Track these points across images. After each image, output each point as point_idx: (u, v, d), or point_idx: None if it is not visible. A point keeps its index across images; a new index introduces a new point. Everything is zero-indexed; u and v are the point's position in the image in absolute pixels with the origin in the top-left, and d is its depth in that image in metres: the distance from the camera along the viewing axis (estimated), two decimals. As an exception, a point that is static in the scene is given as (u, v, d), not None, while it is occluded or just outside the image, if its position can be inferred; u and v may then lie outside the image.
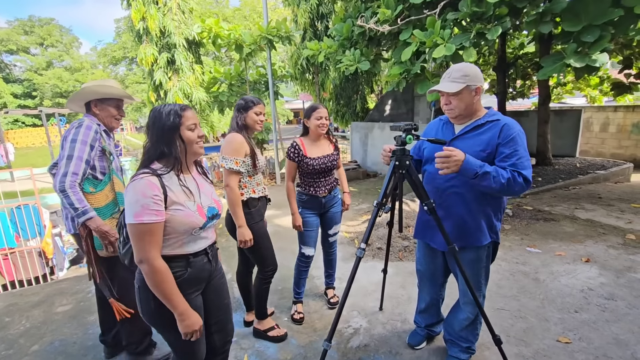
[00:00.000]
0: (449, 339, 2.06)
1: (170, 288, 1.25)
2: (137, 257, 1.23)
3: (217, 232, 4.57)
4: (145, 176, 1.22)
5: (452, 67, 1.70)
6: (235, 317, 2.64)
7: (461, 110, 1.68)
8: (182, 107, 1.33)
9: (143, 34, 6.44)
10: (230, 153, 2.04)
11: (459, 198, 1.74)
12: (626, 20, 3.24)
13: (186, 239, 1.33)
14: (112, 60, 29.07)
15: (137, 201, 1.19)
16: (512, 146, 1.60)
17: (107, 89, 2.00)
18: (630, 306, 2.50)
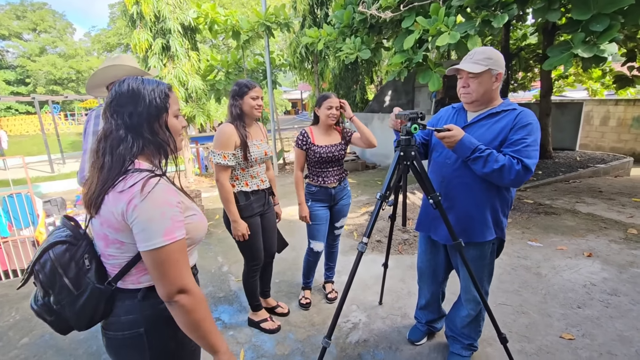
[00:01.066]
0: (450, 335, 2.01)
1: (212, 321, 0.98)
2: (171, 290, 0.90)
3: (214, 223, 4.50)
4: (155, 179, 0.92)
5: (474, 49, 1.61)
6: (232, 310, 2.59)
7: (479, 95, 1.59)
8: (169, 86, 1.04)
9: (137, 18, 6.22)
10: (218, 147, 1.96)
11: (465, 189, 1.66)
12: (636, 9, 3.13)
13: (194, 249, 1.09)
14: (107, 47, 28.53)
15: (163, 214, 0.89)
16: (521, 133, 1.52)
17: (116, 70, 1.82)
18: (633, 302, 2.47)
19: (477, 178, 1.62)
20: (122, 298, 0.99)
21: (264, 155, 2.10)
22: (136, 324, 0.98)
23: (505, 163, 1.48)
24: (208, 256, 3.57)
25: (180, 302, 0.92)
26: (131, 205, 0.88)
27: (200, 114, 7.16)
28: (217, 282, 3.02)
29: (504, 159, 1.49)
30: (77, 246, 0.98)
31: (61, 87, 28.69)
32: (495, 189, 1.65)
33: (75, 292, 0.95)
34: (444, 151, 1.72)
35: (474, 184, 1.64)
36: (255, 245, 2.16)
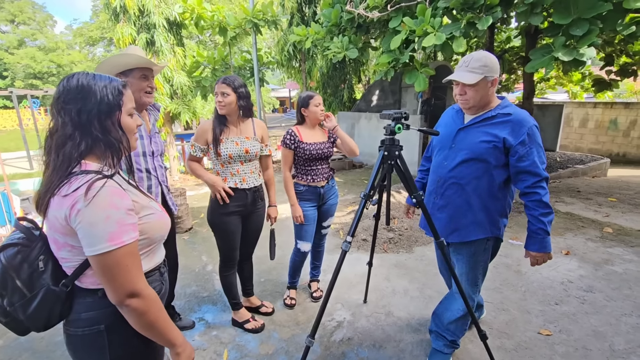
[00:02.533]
0: (435, 331, 2.02)
1: (167, 318, 0.98)
2: (121, 294, 0.90)
3: (198, 222, 4.44)
4: (101, 182, 0.88)
5: (470, 55, 1.62)
6: (216, 310, 2.56)
7: (476, 101, 1.63)
8: (123, 83, 0.99)
9: (120, 12, 6.06)
10: (193, 137, 2.09)
11: (459, 189, 1.72)
12: (614, 15, 3.24)
13: (157, 247, 1.09)
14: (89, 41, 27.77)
15: (108, 218, 0.86)
16: (528, 149, 1.56)
17: (124, 59, 1.73)
18: (608, 298, 2.55)
19: (470, 181, 1.68)
20: (82, 296, 0.98)
21: (244, 153, 2.04)
22: (97, 321, 0.97)
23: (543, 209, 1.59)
24: (192, 255, 3.52)
25: (132, 306, 0.91)
26: (74, 209, 0.85)
27: (186, 111, 7.05)
28: (201, 282, 2.99)
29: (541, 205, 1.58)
30: (31, 248, 0.95)
31: (41, 82, 27.78)
32: (488, 191, 1.68)
33: (28, 294, 0.93)
34: (444, 153, 1.78)
35: (466, 185, 1.70)
36: (229, 243, 2.14)
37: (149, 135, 1.94)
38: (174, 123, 8.02)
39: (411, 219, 2.25)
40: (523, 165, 1.57)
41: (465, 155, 1.67)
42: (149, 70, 1.82)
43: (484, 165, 1.64)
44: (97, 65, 1.73)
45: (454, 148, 1.72)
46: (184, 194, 4.24)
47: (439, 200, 1.80)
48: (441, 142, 1.81)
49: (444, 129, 1.82)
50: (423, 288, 2.77)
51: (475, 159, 1.65)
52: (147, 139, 1.92)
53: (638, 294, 2.60)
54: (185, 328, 2.33)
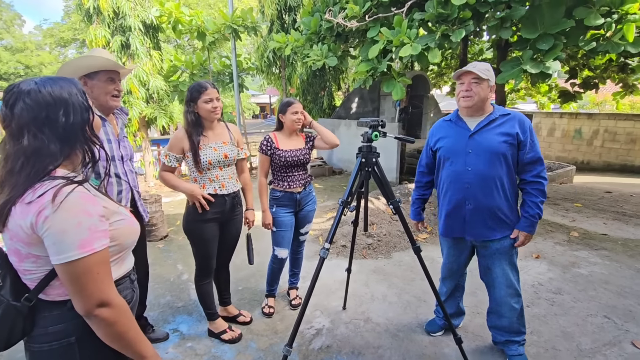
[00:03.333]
0: (503, 341, 2.05)
1: (137, 329, 0.95)
2: (90, 304, 0.86)
3: (174, 229, 4.32)
4: (70, 187, 0.85)
5: (474, 62, 1.80)
6: (191, 320, 2.49)
7: (479, 99, 1.76)
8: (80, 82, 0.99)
9: (93, 13, 5.88)
10: (167, 146, 2.02)
11: (489, 190, 1.81)
12: (577, 31, 3.44)
13: (126, 254, 1.06)
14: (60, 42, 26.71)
15: (79, 224, 0.83)
16: (531, 141, 1.76)
17: (89, 61, 1.67)
18: (575, 300, 2.67)
19: (501, 177, 1.79)
20: (48, 309, 0.93)
21: (223, 158, 2.02)
22: (66, 334, 0.92)
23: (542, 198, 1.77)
24: (167, 264, 3.41)
25: (101, 316, 0.87)
26: (41, 216, 0.81)
27: (163, 116, 6.89)
28: (176, 291, 2.89)
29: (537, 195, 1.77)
30: None
31: (7, 83, 26.41)
32: (510, 187, 1.83)
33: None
34: (460, 159, 1.85)
35: (499, 182, 1.80)
36: (205, 251, 2.10)
37: (117, 139, 1.88)
38: (150, 128, 7.82)
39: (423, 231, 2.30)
40: (530, 156, 1.76)
41: (489, 156, 1.78)
42: (115, 73, 1.76)
43: (506, 163, 1.78)
44: (59, 68, 1.67)
45: (471, 153, 1.81)
46: (160, 200, 4.12)
47: (471, 205, 1.85)
48: (453, 151, 1.88)
49: (451, 139, 1.90)
50: (401, 293, 2.80)
51: (498, 158, 1.77)
52: (116, 142, 1.86)
53: (602, 294, 2.74)
54: (159, 340, 2.25)
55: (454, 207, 1.91)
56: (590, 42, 3.43)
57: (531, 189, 1.78)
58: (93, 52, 1.79)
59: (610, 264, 3.26)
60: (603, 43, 3.36)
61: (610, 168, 8.67)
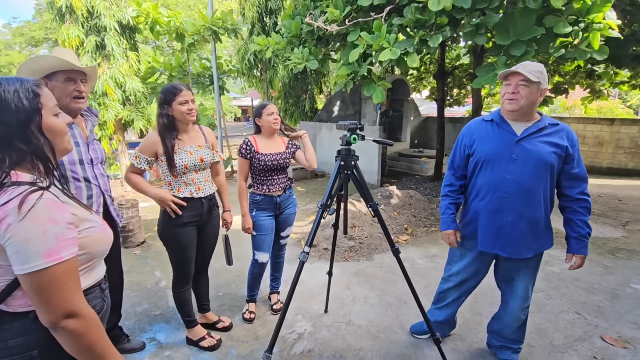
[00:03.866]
0: (499, 345, 2.05)
1: (107, 341, 0.92)
2: (56, 316, 0.82)
3: (152, 235, 4.20)
4: (37, 194, 0.82)
5: (526, 62, 1.64)
6: (169, 328, 2.42)
7: (526, 103, 1.60)
8: (35, 82, 0.90)
9: (66, 12, 5.67)
10: (138, 148, 1.96)
11: (532, 202, 1.68)
12: (547, 39, 3.59)
13: (97, 262, 1.02)
14: (31, 41, 25.63)
15: (45, 233, 0.80)
16: (578, 156, 1.68)
17: (41, 62, 1.58)
18: (548, 297, 2.76)
19: (541, 192, 1.68)
20: (8, 321, 0.88)
21: (199, 162, 1.99)
22: (28, 347, 0.88)
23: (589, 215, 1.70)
24: (144, 271, 3.31)
25: (68, 328, 0.84)
26: (4, 224, 0.78)
27: (140, 118, 6.71)
28: (153, 299, 2.81)
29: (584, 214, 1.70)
30: None
31: (-28, 83, 25.09)
32: (551, 197, 1.73)
33: None
34: (502, 166, 1.69)
35: (538, 197, 1.68)
36: (183, 256, 2.04)
37: (85, 142, 1.81)
38: (127, 131, 7.60)
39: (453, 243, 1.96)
40: (576, 171, 1.67)
41: (536, 166, 1.64)
42: (75, 73, 1.67)
43: (551, 175, 1.67)
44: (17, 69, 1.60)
45: (517, 160, 1.66)
46: (136, 205, 4.00)
47: (512, 217, 1.70)
48: (496, 156, 1.71)
49: (493, 143, 1.73)
50: (382, 295, 2.82)
51: (545, 169, 1.65)
52: (84, 145, 1.79)
53: (574, 292, 2.85)
54: (134, 350, 2.17)
55: (489, 218, 1.75)
56: (560, 49, 3.58)
57: (578, 207, 1.67)
58: (54, 51, 1.72)
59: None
60: (571, 50, 3.52)
61: (581, 169, 9.07)
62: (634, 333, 2.34)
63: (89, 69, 1.73)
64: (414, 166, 8.20)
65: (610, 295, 2.81)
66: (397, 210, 4.65)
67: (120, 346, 2.15)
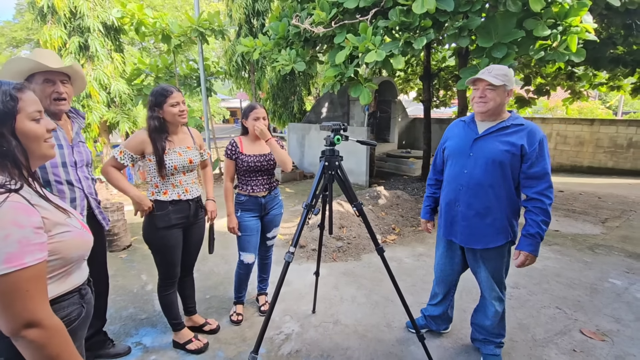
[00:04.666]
0: (481, 339, 2.08)
1: (73, 353, 0.89)
2: (15, 325, 0.80)
3: (138, 238, 4.14)
4: (2, 197, 0.81)
5: (492, 65, 1.75)
6: (156, 332, 2.40)
7: (494, 105, 1.72)
8: (17, 86, 0.90)
9: (48, 12, 5.57)
10: (124, 143, 1.91)
11: (482, 196, 1.79)
12: (527, 41, 3.69)
13: (75, 267, 1.00)
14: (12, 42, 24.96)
15: (7, 237, 0.78)
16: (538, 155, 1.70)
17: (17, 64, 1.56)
18: (530, 293, 2.83)
19: (495, 185, 1.76)
20: None
21: (187, 163, 1.99)
22: None
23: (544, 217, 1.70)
24: (130, 274, 3.27)
25: (28, 338, 0.81)
26: None
27: (125, 120, 6.62)
28: (139, 303, 2.78)
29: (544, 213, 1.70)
30: None
31: (-51, 85, 24.30)
32: (506, 196, 1.79)
33: None
34: (460, 161, 1.85)
35: (492, 190, 1.77)
36: (169, 259, 2.03)
37: (70, 144, 1.79)
38: (112, 133, 7.48)
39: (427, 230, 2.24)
40: (533, 171, 1.71)
41: (486, 163, 1.76)
42: (54, 74, 1.65)
43: (503, 173, 1.75)
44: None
45: (472, 156, 1.80)
46: (122, 208, 3.94)
47: (462, 208, 1.85)
48: (457, 152, 1.88)
49: (457, 140, 1.90)
50: (370, 294, 2.85)
51: (496, 166, 1.74)
52: (68, 148, 1.77)
53: (554, 287, 2.92)
54: (119, 355, 2.14)
55: (447, 208, 1.95)
56: (539, 51, 3.69)
57: (532, 206, 1.73)
58: (33, 53, 1.70)
59: (562, 258, 3.49)
60: (550, 52, 3.62)
61: (562, 169, 9.29)
62: (611, 326, 2.42)
63: (69, 69, 1.70)
64: (402, 167, 8.29)
65: (589, 290, 2.90)
66: (384, 210, 4.69)
67: (104, 351, 2.12)
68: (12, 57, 1.65)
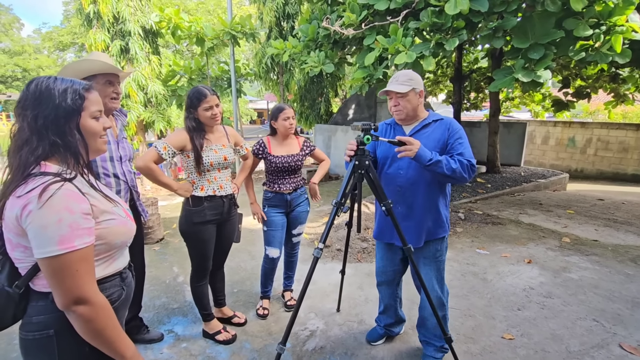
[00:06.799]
0: (423, 340, 2.09)
1: (117, 328, 0.97)
2: (67, 300, 0.88)
3: (171, 232, 4.33)
4: (57, 185, 0.87)
5: (397, 73, 1.83)
6: (186, 321, 2.50)
7: (408, 111, 1.81)
8: (86, 86, 0.99)
9: (93, 18, 5.95)
10: (167, 139, 1.99)
11: (421, 193, 1.83)
12: (567, 42, 3.54)
13: (118, 253, 1.07)
14: (59, 45, 26.76)
15: (60, 221, 0.85)
16: (459, 140, 1.78)
17: (87, 64, 1.71)
18: (565, 303, 2.71)
19: (430, 182, 1.80)
20: (35, 299, 0.96)
21: (222, 160, 2.08)
22: (46, 326, 0.95)
23: (459, 165, 1.69)
24: (163, 266, 3.42)
25: (77, 312, 0.89)
26: (25, 210, 0.85)
27: (160, 120, 6.93)
28: (171, 293, 2.91)
29: (456, 162, 1.70)
30: None
31: (4, 86, 26.40)
32: (441, 189, 1.85)
33: None
34: (395, 162, 1.86)
35: (427, 187, 1.82)
36: (203, 253, 2.13)
37: (116, 140, 1.93)
38: (147, 132, 7.85)
39: None
40: (457, 151, 1.75)
41: None
42: (113, 76, 1.81)
43: None
44: (59, 71, 1.72)
45: (404, 158, 1.78)
46: (156, 203, 4.14)
47: (402, 208, 1.87)
48: (388, 155, 1.90)
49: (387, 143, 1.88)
50: (395, 296, 2.83)
51: None
52: (115, 143, 1.91)
53: (592, 299, 2.78)
54: (153, 340, 2.26)
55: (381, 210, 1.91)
56: (580, 52, 3.52)
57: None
58: (92, 55, 1.85)
59: (600, 269, 3.31)
60: (592, 53, 3.45)
61: (603, 176, 8.79)
62: (655, 342, 2.28)
63: (126, 73, 1.87)
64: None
65: (630, 303, 2.73)
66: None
67: (140, 336, 2.25)
68: (81, 58, 1.80)
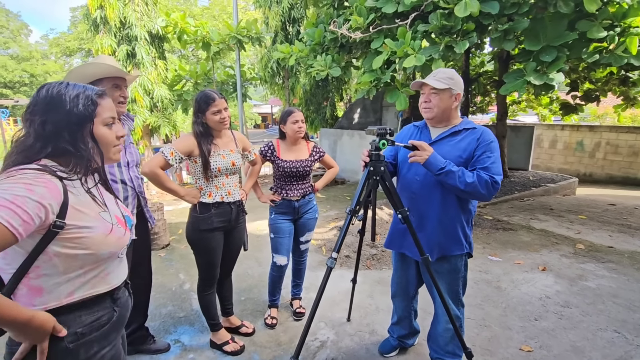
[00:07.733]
0: (435, 357, 1.98)
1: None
2: None
3: (177, 238, 4.29)
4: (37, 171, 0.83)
5: (438, 69, 1.71)
6: (193, 331, 2.44)
7: (439, 110, 1.68)
8: (99, 92, 0.95)
9: (100, 23, 5.98)
10: (174, 143, 1.95)
11: (436, 204, 1.72)
12: (580, 44, 3.48)
13: (111, 267, 0.99)
14: (66, 51, 27.07)
15: (9, 189, 0.77)
16: (487, 152, 1.64)
17: (93, 68, 1.67)
18: (584, 313, 2.62)
19: (446, 193, 1.68)
20: None
21: (230, 166, 2.03)
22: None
23: (476, 179, 1.57)
24: (169, 273, 3.37)
25: None
26: None
27: (166, 124, 6.93)
28: (177, 301, 2.85)
29: (473, 176, 1.58)
30: None
31: (12, 91, 26.71)
32: (460, 203, 1.71)
33: None
34: (413, 167, 1.76)
35: (443, 199, 1.70)
36: (210, 261, 2.07)
37: (123, 145, 1.87)
38: (153, 136, 7.85)
39: None
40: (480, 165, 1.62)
41: None
42: (120, 79, 1.77)
43: None
44: (65, 76, 1.68)
45: None
46: (162, 209, 4.09)
47: (414, 217, 1.74)
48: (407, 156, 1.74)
49: None
50: (406, 305, 2.75)
51: None
52: (122, 149, 1.86)
53: (611, 308, 2.69)
54: (160, 351, 2.20)
55: (397, 218, 1.77)
56: (594, 54, 3.46)
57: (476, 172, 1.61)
58: (98, 58, 1.81)
59: (618, 277, 3.21)
60: (606, 55, 3.39)
61: (613, 180, 8.65)
62: (681, 356, 2.18)
63: (133, 77, 1.82)
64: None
65: (652, 313, 2.63)
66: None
67: (145, 346, 2.18)
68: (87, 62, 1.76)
